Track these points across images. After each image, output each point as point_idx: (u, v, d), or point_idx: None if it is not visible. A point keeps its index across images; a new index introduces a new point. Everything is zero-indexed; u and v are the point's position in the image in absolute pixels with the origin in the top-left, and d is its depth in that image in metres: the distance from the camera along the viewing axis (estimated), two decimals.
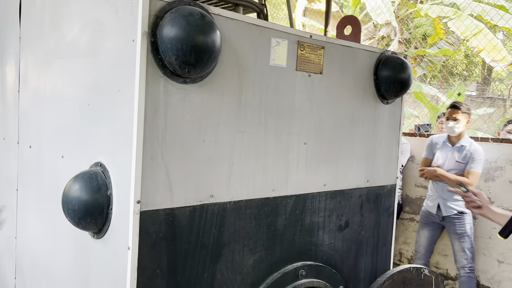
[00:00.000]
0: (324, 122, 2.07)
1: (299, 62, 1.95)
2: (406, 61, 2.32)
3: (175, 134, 1.56)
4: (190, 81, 1.58)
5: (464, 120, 3.67)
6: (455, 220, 3.72)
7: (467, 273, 3.71)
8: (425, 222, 3.94)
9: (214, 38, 1.51)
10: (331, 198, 2.13)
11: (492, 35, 6.00)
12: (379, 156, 2.36)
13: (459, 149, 3.72)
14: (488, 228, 3.81)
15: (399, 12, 7.37)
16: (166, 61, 1.49)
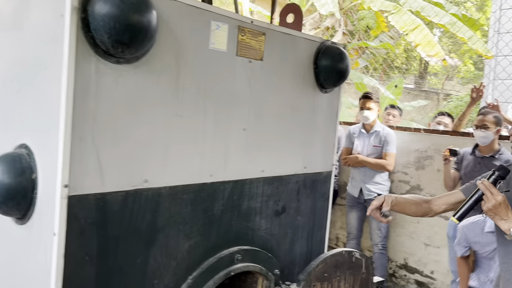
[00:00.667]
0: (263, 108, 2.08)
1: (239, 47, 1.93)
2: (344, 52, 2.38)
3: (107, 115, 1.50)
4: (124, 62, 1.52)
5: (376, 108, 4.00)
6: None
7: (380, 250, 4.02)
8: (351, 205, 4.18)
9: (150, 18, 1.46)
10: (269, 184, 2.15)
11: (427, 31, 6.32)
12: (316, 144, 2.42)
13: (374, 135, 4.02)
14: None
15: (343, 3, 7.56)
16: (98, 40, 1.42)
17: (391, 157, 3.94)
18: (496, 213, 1.57)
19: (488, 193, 1.57)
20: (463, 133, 3.92)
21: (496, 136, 3.28)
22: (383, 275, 4.02)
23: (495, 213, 1.58)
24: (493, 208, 1.56)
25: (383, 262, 4.04)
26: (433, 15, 6.20)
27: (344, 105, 7.37)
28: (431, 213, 1.97)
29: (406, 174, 4.16)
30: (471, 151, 3.43)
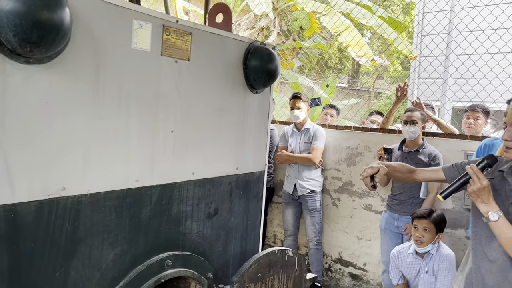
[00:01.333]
0: (192, 109, 2.04)
1: (164, 47, 1.88)
2: (274, 52, 2.40)
3: (17, 119, 1.39)
4: (35, 62, 1.41)
5: (305, 107, 4.15)
6: (307, 197, 4.11)
7: (315, 245, 4.14)
8: (286, 202, 4.27)
9: (61, 15, 1.36)
10: (200, 187, 2.12)
11: (356, 32, 6.58)
12: (248, 144, 2.42)
13: (304, 132, 4.17)
14: (349, 209, 4.20)
15: (277, 4, 7.66)
16: (2, 38, 1.30)
17: (317, 150, 4.07)
18: (479, 196, 1.68)
19: (475, 177, 1.68)
20: (390, 130, 4.11)
21: (421, 131, 3.49)
22: (319, 270, 4.13)
23: (477, 195, 1.68)
24: (477, 191, 1.67)
25: (319, 257, 4.14)
26: (361, 17, 6.46)
27: (280, 105, 7.47)
28: (413, 181, 2.12)
29: (338, 170, 4.29)
30: (399, 147, 3.61)
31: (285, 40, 8.35)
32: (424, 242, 2.92)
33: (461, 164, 1.95)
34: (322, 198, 4.23)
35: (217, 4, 2.53)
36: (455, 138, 3.64)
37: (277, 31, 7.58)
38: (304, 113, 4.14)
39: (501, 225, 1.67)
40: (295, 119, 4.16)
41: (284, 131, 4.36)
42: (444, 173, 1.99)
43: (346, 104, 8.33)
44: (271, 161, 4.53)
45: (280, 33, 7.73)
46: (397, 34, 6.35)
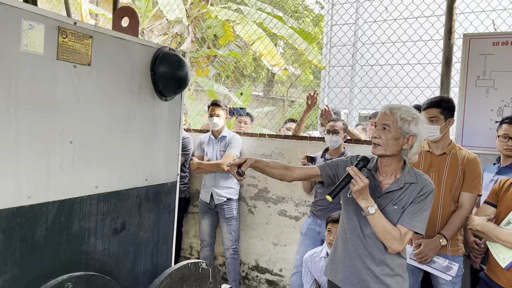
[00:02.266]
0: (94, 118, 1.90)
1: (61, 50, 1.73)
2: (183, 59, 2.33)
3: None
4: None
5: (224, 115, 4.17)
6: (224, 206, 4.10)
7: (232, 254, 4.12)
8: (203, 211, 4.21)
9: None
10: (105, 201, 1.97)
11: (269, 41, 6.74)
12: (158, 154, 2.32)
13: (221, 140, 4.17)
14: (265, 215, 4.25)
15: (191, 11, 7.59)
16: None
17: (228, 156, 4.04)
18: (361, 194, 1.91)
19: (357, 177, 1.89)
20: (302, 137, 4.24)
21: (343, 141, 3.63)
22: (236, 279, 4.10)
23: (360, 193, 1.90)
24: (360, 189, 1.89)
25: (236, 266, 4.12)
26: (274, 27, 6.64)
27: (196, 112, 7.39)
28: (289, 178, 2.20)
29: (254, 177, 4.32)
30: (321, 155, 3.72)
31: (200, 47, 8.29)
32: None
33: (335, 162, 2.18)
34: (238, 205, 4.23)
35: (122, 8, 2.40)
36: (361, 144, 3.85)
37: (191, 38, 7.49)
38: (222, 121, 4.13)
39: (377, 217, 1.92)
40: (213, 126, 4.13)
41: (200, 140, 4.29)
42: (320, 170, 2.16)
43: (261, 111, 8.48)
44: (186, 171, 4.43)
45: (194, 41, 7.65)
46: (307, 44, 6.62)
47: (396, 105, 2.02)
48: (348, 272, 2.09)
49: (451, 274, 2.66)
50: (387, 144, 1.96)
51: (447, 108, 2.76)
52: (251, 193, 4.32)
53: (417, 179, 2.01)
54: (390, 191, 2.01)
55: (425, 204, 1.98)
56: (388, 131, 1.96)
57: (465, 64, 3.36)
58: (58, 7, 10.38)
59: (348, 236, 2.10)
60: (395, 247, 1.95)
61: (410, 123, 1.95)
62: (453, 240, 2.72)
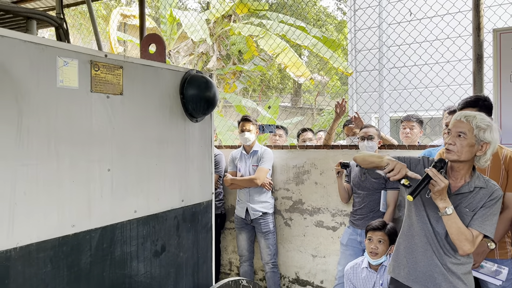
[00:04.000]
0: (129, 145, 1.96)
1: (94, 83, 1.80)
2: (210, 80, 2.38)
3: None
4: None
5: (255, 130, 4.19)
6: (260, 220, 4.09)
7: (271, 268, 4.10)
8: (239, 227, 4.22)
9: None
10: (144, 224, 2.02)
11: (293, 53, 6.77)
12: (192, 174, 2.36)
13: (253, 155, 4.18)
14: (302, 227, 4.22)
15: (214, 30, 7.73)
16: None
17: (260, 171, 4.07)
18: (441, 194, 1.98)
19: (437, 178, 1.96)
20: (333, 146, 4.21)
21: (378, 146, 3.58)
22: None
23: (440, 193, 1.98)
24: (441, 190, 1.96)
25: (276, 280, 4.10)
26: (297, 37, 6.66)
27: (226, 128, 7.47)
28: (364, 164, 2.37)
29: (288, 190, 4.31)
30: None
31: (225, 64, 8.41)
32: (378, 254, 2.97)
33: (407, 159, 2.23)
34: (274, 219, 4.22)
35: (149, 35, 2.48)
36: (394, 149, 3.78)
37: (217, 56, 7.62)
38: (253, 136, 4.15)
39: (453, 217, 1.99)
40: (244, 142, 4.16)
41: (232, 156, 4.33)
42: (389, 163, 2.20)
43: (290, 122, 8.48)
44: (220, 187, 4.47)
45: (219, 58, 7.78)
46: (332, 52, 6.60)
47: (471, 113, 2.08)
48: (412, 268, 2.17)
49: (500, 278, 2.55)
50: (462, 151, 2.02)
51: (484, 107, 2.66)
52: (286, 205, 4.30)
53: (486, 184, 2.07)
54: (460, 193, 2.08)
55: (495, 209, 2.03)
56: (464, 139, 2.02)
57: (497, 60, 3.25)
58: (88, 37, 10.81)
59: (416, 234, 2.17)
60: (466, 249, 2.00)
61: (485, 131, 2.01)
62: (501, 243, 2.62)
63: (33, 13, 2.84)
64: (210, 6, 8.13)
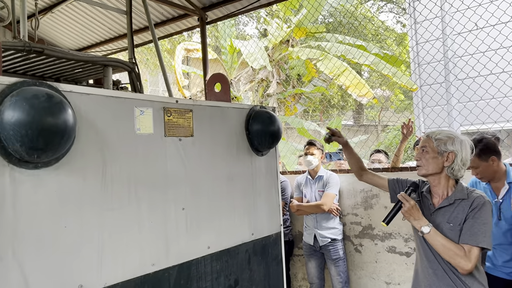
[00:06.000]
0: (200, 184, 2.05)
1: (167, 128, 1.92)
2: (274, 115, 2.44)
3: (29, 225, 1.41)
4: (43, 165, 1.45)
5: (319, 154, 4.16)
6: (329, 247, 4.02)
7: None
8: (308, 254, 4.17)
9: (65, 118, 1.41)
10: (217, 260, 2.09)
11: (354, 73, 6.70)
12: (260, 208, 2.41)
13: (318, 180, 4.15)
14: (373, 253, 4.09)
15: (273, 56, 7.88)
16: (10, 149, 1.35)
17: (327, 196, 4.03)
18: (411, 214, 2.08)
19: (404, 200, 2.10)
20: (402, 168, 4.08)
21: None
22: None
23: (409, 214, 2.08)
24: (408, 210, 2.08)
25: None
26: (357, 57, 6.61)
27: (289, 151, 7.50)
28: (359, 177, 2.70)
29: (356, 215, 4.22)
30: None
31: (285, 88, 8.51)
32: None
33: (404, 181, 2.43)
34: (344, 245, 4.14)
35: (214, 75, 2.61)
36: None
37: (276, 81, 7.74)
38: (317, 160, 4.14)
39: (433, 235, 2.03)
40: (307, 165, 4.16)
41: (297, 182, 4.34)
42: (388, 183, 2.50)
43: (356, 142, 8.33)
44: (286, 213, 4.48)
45: (279, 83, 7.89)
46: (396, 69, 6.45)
47: (433, 130, 2.23)
48: None
49: None
50: (427, 164, 2.14)
51: None
52: (355, 231, 4.21)
53: (468, 195, 2.08)
54: (442, 207, 2.11)
55: (480, 217, 2.00)
56: (426, 152, 2.15)
57: None
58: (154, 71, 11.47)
59: (423, 257, 2.18)
60: (462, 265, 1.96)
61: (447, 142, 2.11)
62: None
63: (109, 61, 3.10)
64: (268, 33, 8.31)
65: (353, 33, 8.45)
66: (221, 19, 5.67)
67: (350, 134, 10.50)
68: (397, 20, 18.75)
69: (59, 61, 2.77)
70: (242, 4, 5.34)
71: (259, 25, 16.17)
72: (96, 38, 7.18)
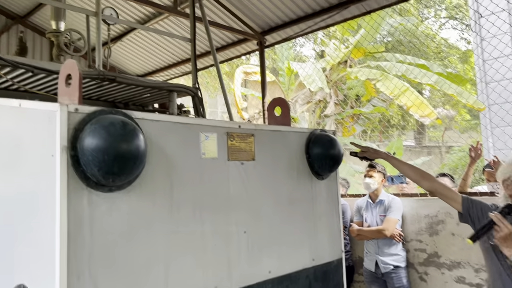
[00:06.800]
0: (262, 207, 2.07)
1: (230, 152, 1.97)
2: (335, 138, 2.42)
3: (104, 247, 1.49)
4: (116, 189, 1.54)
5: (379, 178, 4.05)
6: (392, 274, 3.86)
7: None
8: (369, 281, 4.03)
9: (137, 144, 1.50)
10: (278, 285, 2.08)
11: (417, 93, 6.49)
12: (321, 233, 2.38)
13: (379, 204, 4.02)
14: (440, 283, 3.87)
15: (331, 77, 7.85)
16: (88, 173, 1.45)
17: (389, 221, 3.89)
18: (505, 241, 1.90)
19: (501, 223, 1.92)
20: (470, 193, 3.86)
21: None
22: None
23: (504, 240, 1.90)
24: (504, 236, 1.90)
25: None
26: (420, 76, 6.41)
27: (348, 173, 7.36)
28: (425, 184, 2.52)
29: (420, 241, 4.03)
30: None
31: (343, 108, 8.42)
32: None
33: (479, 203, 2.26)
34: (407, 273, 3.95)
35: (274, 99, 2.65)
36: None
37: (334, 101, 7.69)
38: (377, 183, 4.04)
39: None
40: (366, 187, 4.08)
41: (357, 205, 4.25)
42: (462, 200, 2.31)
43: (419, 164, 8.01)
44: (346, 238, 4.37)
45: (337, 103, 7.83)
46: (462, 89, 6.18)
47: None
48: None
49: None
50: None
51: None
52: (420, 258, 4.01)
53: None
54: None
55: None
56: None
57: None
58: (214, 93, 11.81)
59: (492, 282, 2.08)
60: None
61: None
62: None
63: (174, 87, 3.25)
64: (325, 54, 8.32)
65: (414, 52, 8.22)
66: (279, 42, 5.77)
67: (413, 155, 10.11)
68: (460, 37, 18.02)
69: (128, 87, 2.96)
70: (300, 28, 5.41)
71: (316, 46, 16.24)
72: (160, 64, 7.56)
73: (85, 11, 3.45)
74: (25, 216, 1.55)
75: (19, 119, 1.62)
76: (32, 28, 7.57)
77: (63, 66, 1.62)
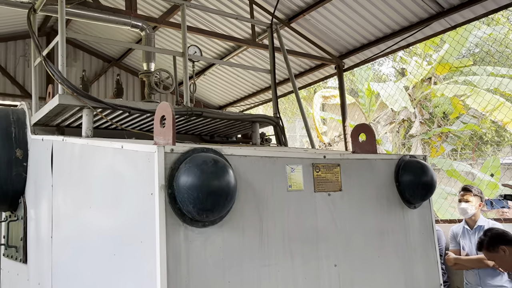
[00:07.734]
0: (352, 239, 2.01)
1: (316, 183, 1.96)
2: (426, 164, 2.30)
3: (199, 280, 1.54)
4: (210, 224, 1.60)
5: (476, 202, 3.74)
6: None
7: None
8: None
9: (228, 181, 1.55)
10: None
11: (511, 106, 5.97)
12: (416, 264, 2.24)
13: (478, 231, 3.69)
14: None
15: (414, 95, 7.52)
16: (184, 210, 1.52)
17: None
18: None
19: None
20: None
21: None
22: None
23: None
24: None
25: None
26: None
27: (439, 196, 6.90)
28: None
29: None
30: None
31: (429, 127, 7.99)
32: None
33: None
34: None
35: (358, 126, 2.59)
36: None
37: (420, 120, 7.33)
38: (474, 208, 3.75)
39: None
40: (462, 213, 3.81)
41: (453, 232, 3.95)
42: None
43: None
44: (442, 267, 4.07)
45: (422, 122, 7.45)
46: None
47: None
48: None
49: None
50: None
51: None
52: None
53: None
54: None
55: None
56: None
57: None
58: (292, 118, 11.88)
59: None
60: None
61: None
62: None
63: (256, 117, 3.34)
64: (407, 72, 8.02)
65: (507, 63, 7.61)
66: (358, 65, 5.69)
67: None
68: None
69: (214, 120, 3.09)
70: (379, 48, 5.30)
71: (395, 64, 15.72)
72: (240, 94, 7.83)
73: (174, 52, 3.71)
74: (128, 250, 1.66)
75: (121, 159, 1.76)
76: (125, 69, 8.32)
77: (158, 107, 1.74)
